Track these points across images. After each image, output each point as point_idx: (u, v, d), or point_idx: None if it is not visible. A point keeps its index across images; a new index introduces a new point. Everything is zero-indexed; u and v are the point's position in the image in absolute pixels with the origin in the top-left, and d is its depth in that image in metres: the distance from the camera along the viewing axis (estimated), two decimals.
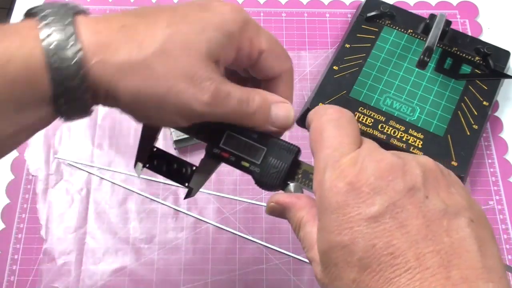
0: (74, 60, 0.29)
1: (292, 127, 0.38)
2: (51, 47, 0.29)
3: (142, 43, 0.31)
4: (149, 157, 0.38)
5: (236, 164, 0.36)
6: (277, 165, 0.35)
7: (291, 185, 0.35)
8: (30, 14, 0.31)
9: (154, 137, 0.38)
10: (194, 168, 0.37)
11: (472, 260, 0.26)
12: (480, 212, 0.29)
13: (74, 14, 0.31)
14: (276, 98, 0.37)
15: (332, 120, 0.31)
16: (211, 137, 0.36)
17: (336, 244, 0.28)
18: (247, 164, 0.36)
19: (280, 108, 0.36)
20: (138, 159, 0.38)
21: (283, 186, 0.35)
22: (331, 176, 0.29)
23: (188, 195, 0.37)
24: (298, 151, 0.36)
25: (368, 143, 0.31)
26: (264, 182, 0.35)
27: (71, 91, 0.30)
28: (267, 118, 0.36)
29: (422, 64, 0.59)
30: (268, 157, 0.35)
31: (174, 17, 0.32)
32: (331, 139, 0.30)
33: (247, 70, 0.38)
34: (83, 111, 0.32)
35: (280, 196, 0.34)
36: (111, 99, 0.31)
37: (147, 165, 0.38)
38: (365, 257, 0.27)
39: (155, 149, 0.38)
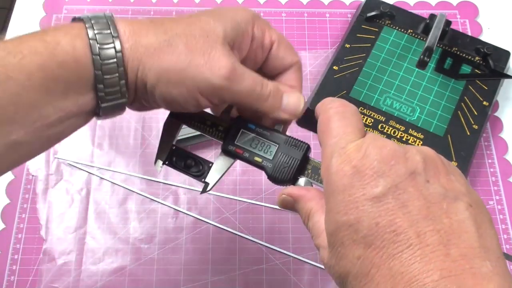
0: (112, 45, 0.34)
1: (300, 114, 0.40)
2: (93, 33, 0.34)
3: (166, 29, 0.36)
4: (168, 154, 0.40)
5: (250, 160, 0.38)
6: (288, 161, 0.38)
7: (301, 180, 0.37)
8: (74, 19, 0.36)
9: (173, 136, 0.40)
10: (210, 165, 0.40)
11: (470, 240, 0.27)
12: (478, 199, 0.30)
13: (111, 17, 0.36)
14: (287, 88, 0.40)
15: (338, 113, 0.34)
16: (226, 135, 0.39)
17: (342, 223, 0.30)
18: (259, 160, 0.38)
19: (291, 96, 0.39)
20: (158, 156, 0.40)
21: (294, 181, 0.38)
22: (337, 161, 0.31)
23: (204, 190, 0.39)
24: (308, 147, 0.38)
25: (372, 134, 0.33)
26: (276, 177, 0.38)
27: (109, 74, 0.34)
28: (279, 103, 0.39)
29: (422, 64, 0.59)
30: (280, 153, 0.38)
31: (195, 14, 0.38)
32: (337, 129, 0.33)
33: (260, 70, 0.41)
34: (119, 101, 0.36)
35: (291, 189, 0.36)
36: (141, 83, 0.35)
37: (167, 162, 0.40)
38: (369, 235, 0.29)
39: (174, 147, 0.40)
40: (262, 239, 0.56)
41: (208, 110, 0.40)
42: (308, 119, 0.61)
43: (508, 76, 0.63)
